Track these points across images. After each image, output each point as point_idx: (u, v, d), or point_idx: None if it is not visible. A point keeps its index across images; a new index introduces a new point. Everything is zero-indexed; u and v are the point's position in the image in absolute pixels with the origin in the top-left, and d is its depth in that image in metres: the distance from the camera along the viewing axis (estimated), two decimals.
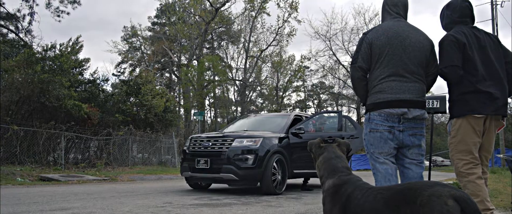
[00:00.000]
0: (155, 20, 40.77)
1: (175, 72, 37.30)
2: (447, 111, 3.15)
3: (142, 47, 39.16)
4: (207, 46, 39.36)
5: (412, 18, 66.00)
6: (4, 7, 18.74)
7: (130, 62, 39.68)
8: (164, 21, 39.32)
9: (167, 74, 40.92)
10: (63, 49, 13.30)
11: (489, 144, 2.92)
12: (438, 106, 4.41)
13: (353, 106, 39.80)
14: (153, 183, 9.96)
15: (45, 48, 12.91)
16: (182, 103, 34.05)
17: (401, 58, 2.60)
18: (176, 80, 38.69)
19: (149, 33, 39.87)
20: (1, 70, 11.43)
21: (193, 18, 34.93)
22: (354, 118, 40.22)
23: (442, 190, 1.28)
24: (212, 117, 38.78)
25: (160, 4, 37.38)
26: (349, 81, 38.63)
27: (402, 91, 2.58)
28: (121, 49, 37.71)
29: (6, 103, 11.78)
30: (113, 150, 13.65)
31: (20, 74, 12.12)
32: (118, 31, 67.95)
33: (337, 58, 37.32)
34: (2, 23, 18.79)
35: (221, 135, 6.90)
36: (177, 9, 34.96)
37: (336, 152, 1.86)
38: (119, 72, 39.54)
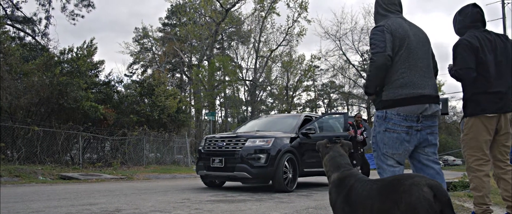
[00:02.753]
0: (166, 21, 41.35)
1: (186, 73, 37.80)
2: (447, 111, 3.44)
3: (153, 48, 39.78)
4: (217, 46, 39.77)
5: (423, 17, 65.67)
6: (21, 11, 19.42)
7: (141, 63, 40.34)
8: (174, 22, 39.86)
9: (178, 75, 41.48)
10: (80, 52, 13.79)
11: (506, 139, 3.13)
12: (440, 107, 4.68)
13: (364, 105, 39.89)
14: (169, 181, 10.38)
15: (63, 51, 13.42)
16: (193, 103, 34.53)
17: (418, 53, 2.62)
18: (187, 81, 39.22)
19: (160, 34, 40.48)
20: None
21: (203, 19, 35.40)
22: (365, 117, 40.29)
23: (420, 179, 1.61)
24: (222, 117, 39.22)
25: (170, 5, 37.97)
26: (359, 81, 38.74)
27: (424, 86, 2.57)
28: (133, 51, 38.38)
29: (26, 105, 12.32)
30: (128, 150, 14.12)
31: (39, 77, 12.67)
32: (129, 32, 68.86)
33: (347, 58, 37.46)
34: (19, 26, 19.46)
35: (234, 135, 7.26)
36: (188, 10, 35.43)
37: (340, 151, 2.20)
38: (131, 72, 40.20)
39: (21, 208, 4.35)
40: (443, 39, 71.69)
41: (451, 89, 66.37)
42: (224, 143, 7.11)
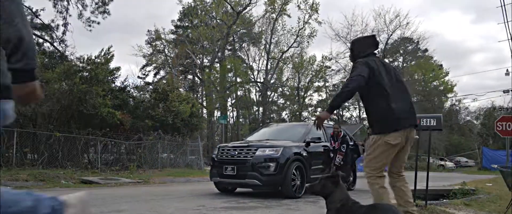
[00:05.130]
0: (178, 23, 42.08)
1: (198, 74, 38.53)
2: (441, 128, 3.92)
3: (166, 50, 40.57)
4: (229, 48, 40.39)
5: (439, 15, 65.19)
6: (39, 18, 20.26)
7: (154, 65, 41.17)
8: (187, 24, 40.57)
9: (190, 76, 42.21)
10: (98, 60, 14.48)
11: (404, 154, 3.56)
12: (434, 124, 5.15)
13: None
14: (183, 185, 10.97)
15: (82, 60, 14.13)
16: (205, 105, 35.20)
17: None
18: (198, 82, 39.94)
19: (172, 36, 41.25)
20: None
21: (215, 21, 36.03)
22: None
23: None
24: (234, 118, 39.84)
25: (182, 8, 38.71)
26: None
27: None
28: (146, 53, 39.22)
29: (48, 112, 13.05)
30: (143, 154, 14.79)
31: (60, 85, 13.40)
32: (142, 33, 69.95)
33: None
34: (38, 33, 20.30)
35: (245, 144, 7.80)
36: (199, 12, 36.11)
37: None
38: (144, 74, 41.11)
39: None
40: (458, 37, 71.22)
41: (464, 89, 66.12)
42: (236, 152, 7.65)
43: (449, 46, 64.81)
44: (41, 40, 19.68)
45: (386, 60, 40.41)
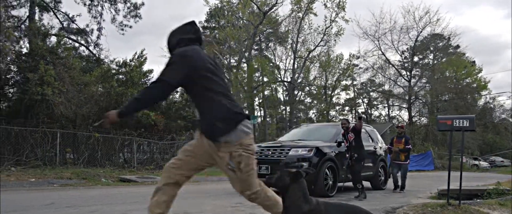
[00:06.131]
0: (205, 24, 42.80)
1: (225, 74, 39.07)
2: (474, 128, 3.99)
3: None
4: (255, 48, 40.73)
5: (470, 10, 63.28)
6: (75, 24, 21.24)
7: None
8: (213, 25, 41.21)
9: None
10: (132, 63, 15.10)
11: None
12: (467, 125, 5.25)
13: (405, 105, 39.48)
14: (217, 184, 11.35)
15: (118, 64, 14.82)
16: None
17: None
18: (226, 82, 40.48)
19: None
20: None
21: (241, 21, 36.43)
22: (405, 117, 39.89)
23: None
24: (261, 118, 40.15)
25: (209, 9, 39.34)
26: (399, 80, 38.41)
27: None
28: None
29: (87, 114, 13.75)
30: (176, 153, 15.29)
31: (97, 88, 14.11)
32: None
33: (386, 58, 37.30)
34: (74, 38, 21.30)
35: (279, 145, 8.08)
36: (226, 13, 36.60)
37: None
38: None
39: (108, 211, 5.37)
40: (492, 32, 68.95)
41: (498, 86, 63.78)
42: (270, 152, 7.94)
43: (483, 42, 63.06)
44: (77, 44, 20.68)
45: (416, 58, 39.74)
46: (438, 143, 32.93)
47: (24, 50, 14.18)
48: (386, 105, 44.93)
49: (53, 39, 16.52)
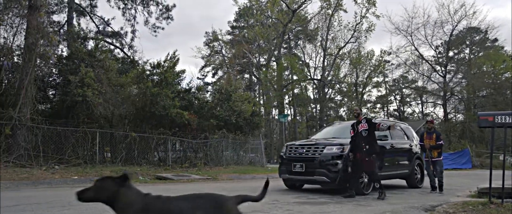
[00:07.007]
0: (234, 24, 43.19)
1: (255, 73, 39.30)
2: None
3: (223, 50, 41.85)
4: (284, 46, 40.71)
5: (509, 1, 60.38)
6: (110, 27, 21.98)
7: (212, 65, 42.64)
8: (242, 24, 41.53)
9: (247, 76, 43.17)
10: (166, 64, 15.51)
11: None
12: (510, 121, 5.13)
13: (439, 102, 38.37)
14: (250, 182, 11.52)
15: (153, 65, 15.26)
16: (262, 103, 35.85)
17: None
18: (255, 81, 40.73)
19: (229, 37, 42.44)
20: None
21: (270, 20, 36.53)
22: (440, 114, 38.78)
23: None
24: (291, 116, 40.12)
25: (238, 8, 39.65)
26: (433, 76, 37.36)
27: None
28: (204, 54, 40.78)
29: (125, 114, 14.25)
30: (209, 152, 15.62)
31: (133, 88, 14.58)
32: (198, 35, 72.38)
33: (420, 53, 36.40)
34: (109, 40, 22.04)
35: (313, 143, 8.13)
36: (255, 12, 36.79)
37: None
38: (203, 75, 42.73)
39: None
40: None
41: None
42: (304, 150, 8.00)
43: None
44: (112, 47, 21.40)
45: (451, 53, 38.48)
46: (476, 140, 31.83)
47: (64, 54, 14.86)
48: (419, 101, 43.82)
49: (90, 42, 17.21)
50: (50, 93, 14.51)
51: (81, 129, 12.28)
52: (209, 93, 25.40)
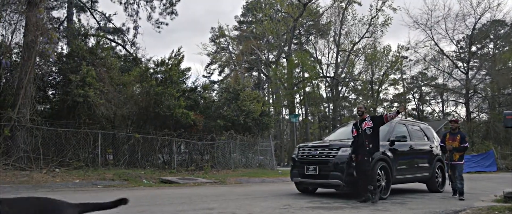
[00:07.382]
0: (242, 19, 43.24)
1: (263, 71, 39.33)
2: None
3: (230, 47, 41.94)
4: (295, 42, 40.67)
5: None
6: (112, 23, 22.17)
7: (218, 63, 42.76)
8: (250, 19, 41.57)
9: (255, 73, 43.21)
10: (170, 62, 15.61)
11: None
12: None
13: (461, 100, 38.02)
14: (261, 186, 11.56)
15: (157, 63, 15.37)
16: (271, 102, 35.86)
17: None
18: (264, 79, 40.76)
19: (236, 33, 42.52)
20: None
21: (280, 14, 36.50)
22: (462, 114, 38.41)
23: None
24: (303, 116, 40.08)
25: (246, 2, 39.72)
26: (455, 72, 37.00)
27: None
28: (210, 51, 40.90)
29: (127, 114, 14.36)
30: (216, 154, 15.69)
31: (136, 87, 14.70)
32: (204, 31, 72.62)
33: (440, 49, 36.07)
34: (111, 37, 22.23)
35: (327, 144, 8.11)
36: (263, 6, 36.81)
37: None
38: (209, 73, 42.88)
39: (157, 211, 5.67)
40: None
41: None
42: (317, 152, 7.99)
43: None
44: (114, 44, 21.57)
45: (474, 48, 38.11)
46: (501, 142, 31.46)
47: (65, 52, 15.00)
48: (440, 100, 43.47)
49: (91, 39, 17.37)
50: (50, 92, 14.67)
51: (83, 130, 12.41)
52: (215, 92, 25.59)
